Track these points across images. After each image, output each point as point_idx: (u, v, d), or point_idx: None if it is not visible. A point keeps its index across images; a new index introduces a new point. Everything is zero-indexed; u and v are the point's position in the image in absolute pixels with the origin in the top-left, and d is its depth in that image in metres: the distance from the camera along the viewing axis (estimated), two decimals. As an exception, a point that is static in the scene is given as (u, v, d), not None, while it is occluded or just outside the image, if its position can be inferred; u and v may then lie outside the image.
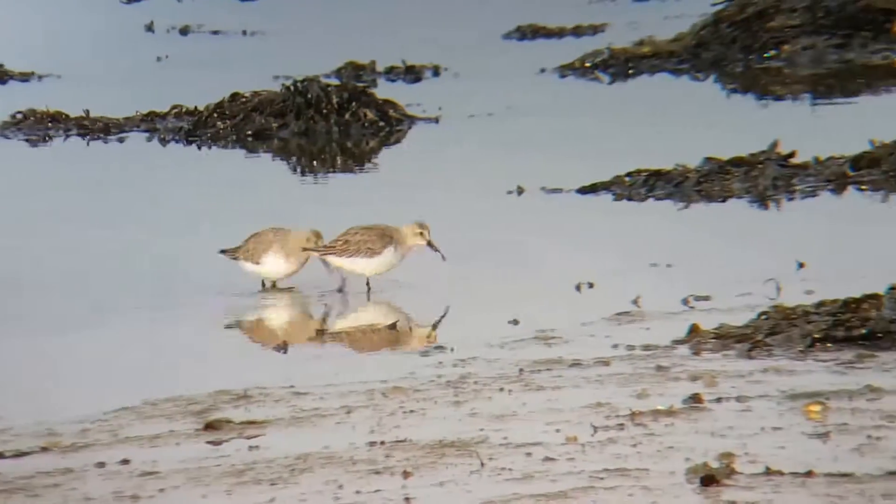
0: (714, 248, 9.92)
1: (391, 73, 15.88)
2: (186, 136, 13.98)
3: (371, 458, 6.59)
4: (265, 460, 6.63)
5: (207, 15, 18.84)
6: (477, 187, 11.73)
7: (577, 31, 16.82)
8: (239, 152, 13.62)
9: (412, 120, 14.08)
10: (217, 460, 6.68)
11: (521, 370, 7.72)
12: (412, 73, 15.83)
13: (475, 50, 16.49)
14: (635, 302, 8.75)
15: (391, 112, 14.06)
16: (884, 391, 6.95)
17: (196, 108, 14.23)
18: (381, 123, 13.97)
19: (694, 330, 8.05)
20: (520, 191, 11.60)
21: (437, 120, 14.13)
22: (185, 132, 14.02)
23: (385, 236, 9.32)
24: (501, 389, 7.43)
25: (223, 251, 9.53)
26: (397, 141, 13.80)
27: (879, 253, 9.31)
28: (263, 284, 9.49)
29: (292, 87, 14.00)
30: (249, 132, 13.91)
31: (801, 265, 9.12)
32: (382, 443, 6.75)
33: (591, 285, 9.18)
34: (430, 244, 9.34)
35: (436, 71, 15.90)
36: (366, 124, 13.93)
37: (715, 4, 15.22)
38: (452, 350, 8.20)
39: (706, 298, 8.71)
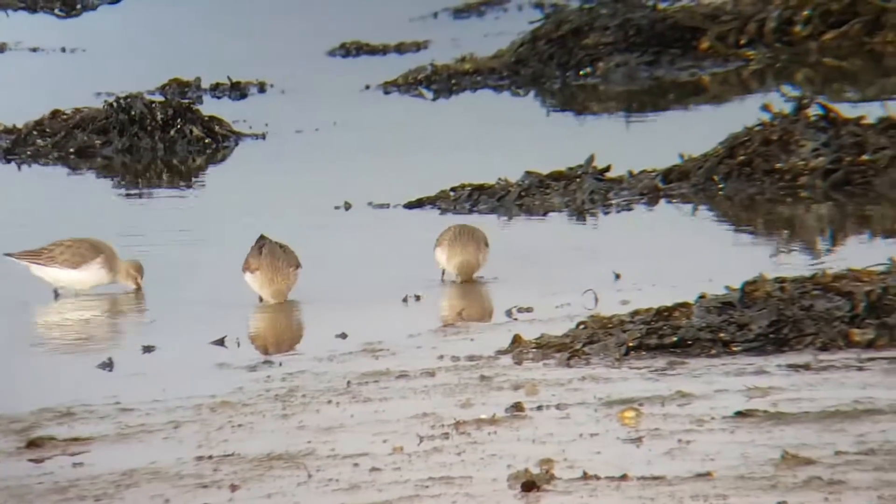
0: (535, 260, 10.17)
1: (217, 90, 15.88)
2: (5, 155, 13.81)
3: (198, 473, 6.65)
4: (90, 477, 6.65)
5: (25, 32, 18.59)
6: (304, 203, 11.82)
7: (400, 49, 17.00)
8: (61, 170, 13.50)
9: (239, 136, 14.12)
10: (40, 478, 6.69)
11: (349, 382, 7.85)
12: (238, 90, 15.86)
13: (300, 66, 16.56)
14: (460, 314, 8.91)
15: (217, 128, 14.08)
16: (693, 396, 7.21)
17: (14, 125, 14.07)
18: (208, 140, 13.98)
19: (516, 340, 8.26)
20: (347, 206, 11.72)
21: (263, 136, 14.18)
22: (4, 150, 13.85)
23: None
24: (329, 402, 7.55)
25: None
26: (224, 158, 13.82)
27: (689, 263, 9.66)
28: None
29: (115, 104, 13.93)
30: (72, 150, 13.80)
31: (617, 276, 9.39)
32: (210, 457, 6.82)
33: (417, 298, 9.34)
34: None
35: (261, 87, 15.95)
36: (192, 141, 13.92)
37: (532, 22, 15.54)
38: (280, 364, 8.27)
39: (528, 310, 8.93)
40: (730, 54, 14.52)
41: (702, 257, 9.78)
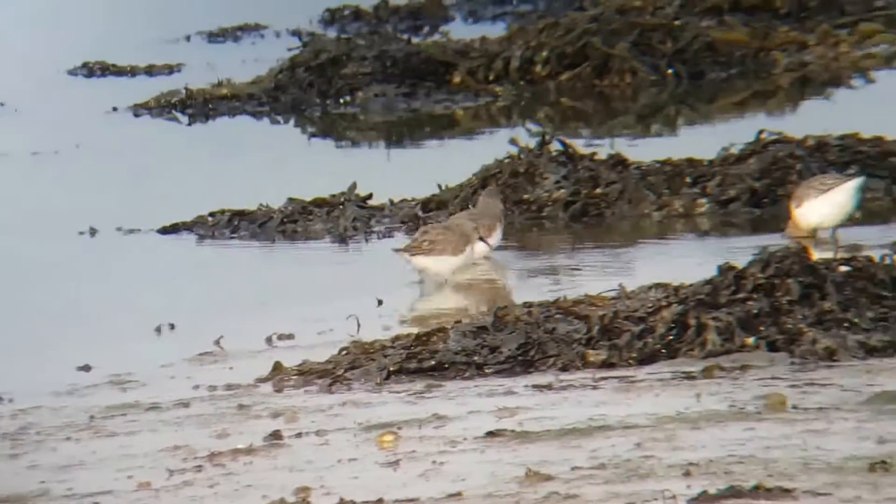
0: (298, 286, 10.40)
1: (-61, 109, 15.65)
2: None
3: None
4: None
5: None
6: (44, 229, 11.65)
7: (151, 71, 17.02)
8: None
9: (-39, 157, 13.96)
10: None
11: (91, 417, 7.84)
12: (-38, 108, 15.66)
13: (37, 86, 16.38)
14: (218, 342, 9.08)
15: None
16: (448, 418, 7.54)
17: None
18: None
19: (276, 368, 8.49)
20: (93, 231, 11.74)
21: (-7, 158, 14.03)
22: None
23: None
24: (68, 438, 7.50)
25: None
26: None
27: (445, 289, 10.09)
28: None
29: None
30: None
31: (379, 302, 9.76)
32: (-84, 504, 6.63)
33: (172, 326, 9.45)
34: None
35: (-9, 106, 15.77)
36: None
37: (290, 49, 15.89)
38: (11, 400, 8.19)
39: (290, 337, 9.16)
40: (480, 89, 15.18)
41: (457, 284, 10.22)
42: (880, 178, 11.26)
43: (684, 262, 10.21)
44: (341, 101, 15.26)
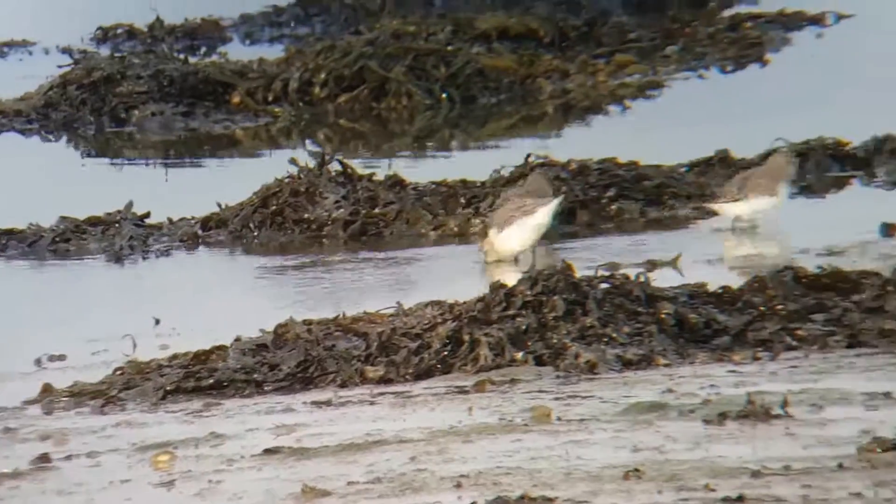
0: (74, 307, 10.40)
1: None
2: None
3: None
4: None
5: None
6: None
7: None
8: None
9: None
10: None
11: None
12: None
13: None
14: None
15: None
16: (226, 437, 7.65)
17: None
18: None
19: (46, 389, 8.49)
20: None
21: None
22: None
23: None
24: None
25: None
26: None
27: (226, 307, 10.15)
28: None
29: None
30: None
31: (157, 321, 9.80)
32: None
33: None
34: None
35: None
36: None
37: (61, 66, 15.80)
38: None
39: (61, 358, 9.15)
40: (259, 110, 15.35)
41: (235, 304, 10.32)
42: (635, 200, 11.83)
43: (459, 279, 10.49)
44: (116, 119, 15.21)
